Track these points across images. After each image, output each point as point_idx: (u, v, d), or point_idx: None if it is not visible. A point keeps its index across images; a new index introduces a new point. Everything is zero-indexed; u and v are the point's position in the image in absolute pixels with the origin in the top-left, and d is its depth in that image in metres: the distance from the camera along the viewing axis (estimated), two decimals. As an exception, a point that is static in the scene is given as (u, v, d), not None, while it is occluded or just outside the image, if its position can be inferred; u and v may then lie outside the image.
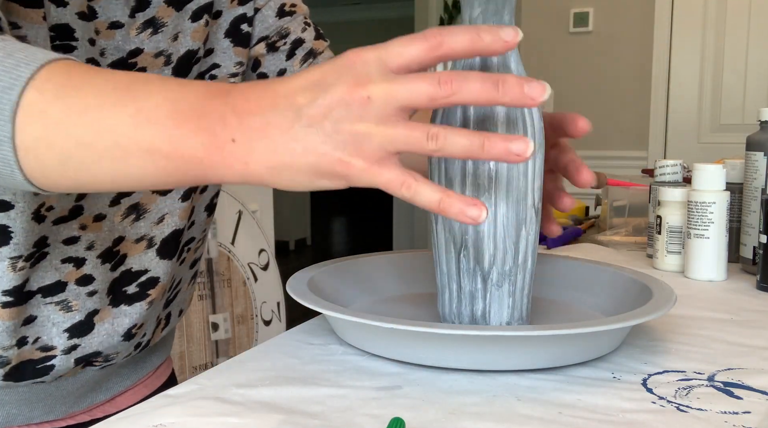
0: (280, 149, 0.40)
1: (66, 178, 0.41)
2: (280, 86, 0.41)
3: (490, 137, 0.40)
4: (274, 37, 0.71)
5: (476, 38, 0.41)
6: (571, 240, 1.13)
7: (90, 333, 0.61)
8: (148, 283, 0.64)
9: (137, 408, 0.44)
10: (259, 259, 2.28)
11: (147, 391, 0.73)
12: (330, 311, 0.50)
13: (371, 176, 0.41)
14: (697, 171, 0.82)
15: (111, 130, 0.40)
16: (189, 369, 1.99)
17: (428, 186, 0.41)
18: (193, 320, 2.01)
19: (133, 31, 0.59)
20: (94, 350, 0.62)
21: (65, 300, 0.59)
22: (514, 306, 0.53)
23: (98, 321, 0.61)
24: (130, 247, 0.62)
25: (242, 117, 0.40)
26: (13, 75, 0.39)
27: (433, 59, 0.41)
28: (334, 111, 0.39)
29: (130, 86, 0.41)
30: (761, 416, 0.43)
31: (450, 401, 0.45)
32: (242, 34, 0.68)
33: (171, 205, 0.64)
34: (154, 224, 0.64)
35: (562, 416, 0.43)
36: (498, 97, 0.40)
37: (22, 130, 0.39)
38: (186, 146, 0.40)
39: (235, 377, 0.49)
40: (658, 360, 0.53)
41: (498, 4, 0.51)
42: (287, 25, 0.71)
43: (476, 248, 0.52)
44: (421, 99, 0.40)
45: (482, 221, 0.42)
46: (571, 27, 2.99)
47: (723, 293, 0.77)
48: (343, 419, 0.42)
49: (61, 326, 0.59)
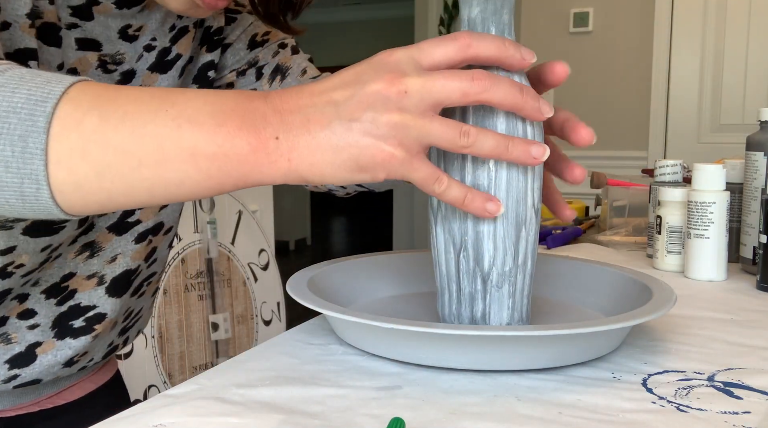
0: (322, 144, 0.41)
1: (101, 189, 0.40)
2: (315, 86, 0.42)
3: (514, 140, 0.44)
4: (244, 66, 0.71)
5: (502, 47, 0.44)
6: (571, 240, 1.13)
7: (32, 363, 0.62)
8: (94, 318, 0.65)
9: (137, 408, 0.44)
10: (259, 259, 2.28)
11: (93, 386, 0.73)
12: (330, 311, 0.50)
13: (410, 168, 0.42)
14: (697, 171, 0.82)
15: (153, 135, 0.39)
16: (189, 369, 1.99)
17: (456, 183, 0.45)
18: (193, 320, 2.01)
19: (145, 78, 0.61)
20: (35, 378, 0.63)
21: (5, 333, 0.59)
22: (514, 307, 0.53)
23: (41, 352, 0.62)
24: (81, 283, 0.62)
25: (283, 115, 0.41)
26: (45, 89, 0.38)
27: (462, 60, 0.44)
28: (373, 104, 0.41)
29: (168, 94, 0.41)
30: (761, 416, 0.43)
31: (450, 401, 0.45)
32: (208, 80, 0.69)
33: (124, 246, 0.64)
34: (107, 263, 0.64)
35: (562, 416, 0.43)
36: (520, 104, 0.44)
37: (57, 141, 0.38)
38: (230, 144, 0.40)
39: (235, 377, 0.49)
40: (658, 360, 0.53)
41: (497, 4, 0.50)
42: (258, 55, 0.71)
43: (476, 249, 0.52)
44: (455, 94, 0.42)
45: (499, 213, 0.47)
46: (571, 27, 2.99)
47: (723, 293, 0.77)
48: (343, 419, 0.42)
49: (1, 359, 0.60)
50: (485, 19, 0.51)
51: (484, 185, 0.51)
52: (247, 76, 0.71)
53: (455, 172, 0.51)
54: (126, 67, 0.59)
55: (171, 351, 1.94)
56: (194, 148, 0.39)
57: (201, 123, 0.39)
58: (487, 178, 0.50)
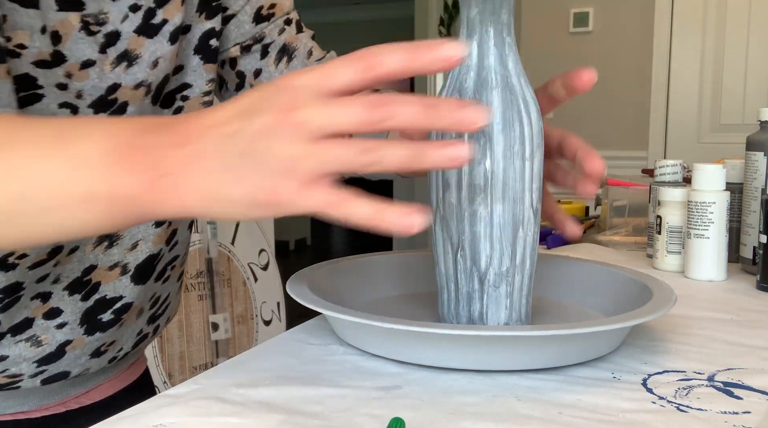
0: (211, 181, 0.39)
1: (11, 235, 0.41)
2: (209, 117, 0.40)
3: (431, 145, 0.38)
4: (249, 41, 0.70)
5: (412, 58, 0.38)
6: (571, 240, 1.13)
7: (60, 359, 0.61)
8: (122, 309, 0.64)
9: (136, 408, 0.44)
10: (259, 259, 2.28)
11: (121, 385, 0.73)
12: (330, 311, 0.50)
13: (302, 200, 0.38)
14: (697, 171, 0.82)
15: (46, 181, 0.39)
16: (189, 369, 1.99)
17: (362, 202, 0.39)
18: (193, 320, 2.01)
19: (107, 66, 0.57)
20: (62, 370, 0.62)
21: (34, 336, 0.59)
22: (512, 308, 0.53)
23: (70, 349, 0.62)
24: (104, 275, 0.62)
25: (174, 150, 0.39)
26: None
27: (368, 82, 0.39)
28: (264, 138, 0.38)
29: (63, 133, 0.40)
30: (761, 416, 0.43)
31: (450, 401, 0.45)
32: (211, 50, 0.66)
33: (144, 231, 0.64)
34: (128, 251, 0.63)
35: (562, 416, 0.43)
36: (434, 121, 0.38)
37: None
38: (121, 185, 0.39)
39: (235, 377, 0.49)
40: (658, 360, 0.53)
41: (495, 4, 0.50)
42: (264, 30, 0.70)
43: (472, 248, 0.51)
44: (352, 124, 0.38)
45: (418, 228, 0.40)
46: (571, 27, 2.99)
47: (723, 293, 0.77)
48: (343, 419, 0.42)
49: (32, 359, 0.60)
50: (484, 19, 0.51)
51: (481, 186, 0.51)
52: (252, 54, 0.70)
53: (453, 174, 0.51)
54: (110, 28, 0.57)
55: (171, 351, 1.94)
56: (87, 193, 0.39)
57: (91, 167, 0.39)
58: (484, 178, 0.50)
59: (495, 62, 0.51)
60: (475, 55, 0.51)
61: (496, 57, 0.51)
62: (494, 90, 0.50)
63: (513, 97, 0.50)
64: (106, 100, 0.58)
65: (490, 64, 0.51)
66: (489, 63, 0.51)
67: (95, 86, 0.57)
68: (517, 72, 0.51)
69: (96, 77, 0.57)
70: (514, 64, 0.51)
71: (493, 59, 0.51)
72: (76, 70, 0.56)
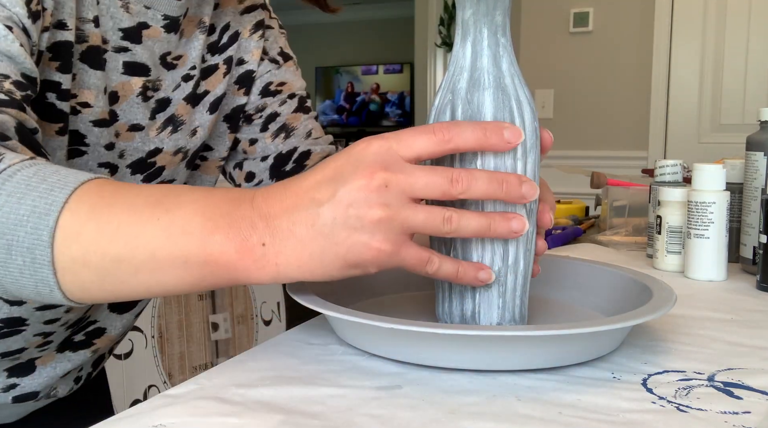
0: (308, 247, 0.42)
1: (103, 291, 0.43)
2: (298, 186, 0.43)
3: (495, 218, 0.45)
4: (251, 111, 0.71)
5: (483, 138, 0.45)
6: (571, 240, 1.13)
7: (31, 374, 0.62)
8: (94, 333, 0.65)
9: (136, 409, 0.44)
10: (259, 259, 2.28)
11: None
12: (330, 311, 0.50)
13: (399, 259, 0.44)
14: (697, 171, 0.82)
15: (145, 244, 0.41)
16: (189, 369, 1.99)
17: (447, 260, 0.47)
18: (193, 320, 2.01)
19: (153, 131, 0.60)
20: (33, 390, 0.63)
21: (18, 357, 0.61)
22: (505, 307, 0.53)
23: (40, 363, 0.63)
24: None
25: (269, 220, 0.42)
26: (48, 200, 0.40)
27: (442, 152, 0.44)
28: (355, 202, 0.41)
29: (161, 200, 0.42)
30: (761, 416, 0.43)
31: (450, 401, 0.45)
32: (238, 122, 0.70)
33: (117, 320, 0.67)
34: None
35: (562, 416, 0.43)
36: (501, 195, 0.45)
37: (60, 252, 0.40)
38: (220, 252, 0.41)
39: (235, 377, 0.49)
40: (658, 360, 0.53)
41: (489, 4, 0.50)
42: (266, 101, 0.72)
43: (464, 248, 0.51)
44: (435, 193, 0.43)
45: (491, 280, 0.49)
46: (571, 27, 2.99)
47: (723, 293, 0.77)
48: (343, 419, 0.42)
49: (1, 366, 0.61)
50: (477, 20, 0.51)
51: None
52: (252, 126, 0.71)
53: None
54: (162, 94, 0.60)
55: (171, 351, 1.94)
56: (186, 256, 0.41)
57: (191, 233, 0.41)
58: None
59: (488, 63, 0.51)
60: (468, 56, 0.51)
61: (490, 58, 0.51)
62: (486, 91, 0.50)
63: (505, 97, 0.50)
64: (145, 162, 0.60)
65: (483, 65, 0.51)
66: (482, 64, 0.51)
67: (137, 148, 0.60)
68: (512, 73, 0.51)
69: (140, 140, 0.60)
70: (509, 65, 0.51)
71: (486, 60, 0.51)
72: (124, 130, 0.58)
